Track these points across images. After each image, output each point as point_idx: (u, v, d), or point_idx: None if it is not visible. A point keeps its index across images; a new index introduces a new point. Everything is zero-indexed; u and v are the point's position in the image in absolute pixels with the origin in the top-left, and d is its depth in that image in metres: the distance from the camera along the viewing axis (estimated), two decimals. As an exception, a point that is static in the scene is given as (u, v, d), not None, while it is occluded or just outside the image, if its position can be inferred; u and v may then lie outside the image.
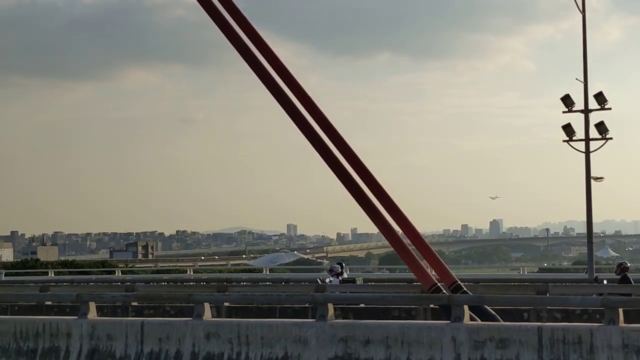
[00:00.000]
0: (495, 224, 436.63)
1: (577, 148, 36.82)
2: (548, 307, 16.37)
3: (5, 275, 54.66)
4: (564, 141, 37.00)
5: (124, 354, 13.58)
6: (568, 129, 36.73)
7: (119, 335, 13.69)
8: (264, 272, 60.32)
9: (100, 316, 14.90)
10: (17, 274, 59.77)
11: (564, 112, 37.16)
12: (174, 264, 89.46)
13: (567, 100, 36.99)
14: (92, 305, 14.41)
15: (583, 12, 37.11)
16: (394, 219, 15.15)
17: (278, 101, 15.35)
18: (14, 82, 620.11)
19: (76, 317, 14.38)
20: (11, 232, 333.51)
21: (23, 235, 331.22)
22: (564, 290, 19.69)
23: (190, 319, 13.60)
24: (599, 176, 37.63)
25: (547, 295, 18.46)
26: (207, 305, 13.70)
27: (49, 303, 20.28)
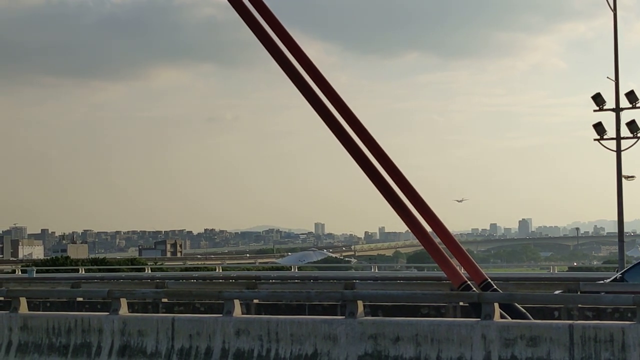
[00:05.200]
0: (524, 223, 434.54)
1: (608, 147, 36.63)
2: (579, 306, 16.27)
3: (36, 273, 55.27)
4: (594, 140, 36.82)
5: (154, 350, 13.66)
6: (599, 127, 36.53)
7: (150, 332, 13.77)
8: (292, 270, 60.48)
9: (131, 312, 14.99)
10: (47, 271, 60.36)
11: (595, 110, 36.97)
12: (202, 262, 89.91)
13: (598, 99, 36.78)
14: (124, 302, 14.50)
15: (614, 10, 36.88)
16: (423, 217, 15.11)
17: (307, 100, 15.35)
18: (46, 82, 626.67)
19: (107, 313, 14.47)
20: (42, 230, 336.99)
21: (53, 233, 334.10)
22: (595, 289, 19.53)
23: (221, 315, 13.65)
24: (630, 175, 37.42)
25: (578, 293, 18.35)
26: (237, 302, 13.74)
27: (81, 299, 20.45)
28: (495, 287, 14.64)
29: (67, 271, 60.64)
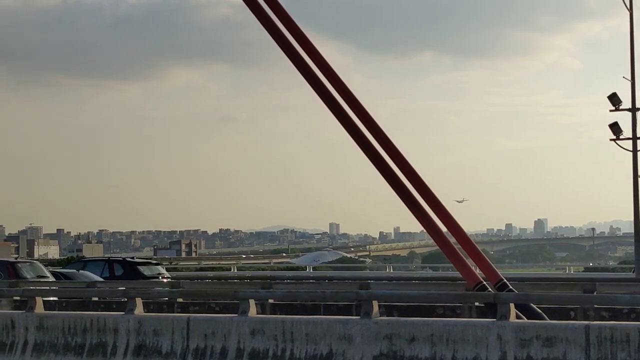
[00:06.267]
0: (539, 223, 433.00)
1: (624, 147, 36.51)
2: (595, 306, 16.21)
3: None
4: (610, 140, 36.71)
5: (170, 350, 13.69)
6: (615, 127, 36.42)
7: (166, 331, 13.80)
8: (307, 270, 60.51)
9: (146, 312, 15.02)
10: (63, 271, 60.46)
11: (611, 110, 36.86)
12: (217, 262, 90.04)
13: (614, 99, 36.66)
14: (139, 301, 14.53)
15: (630, 10, 36.75)
16: (438, 217, 15.09)
17: (322, 100, 15.36)
18: (58, 82, 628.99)
19: (123, 313, 14.52)
20: (57, 229, 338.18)
21: (69, 233, 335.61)
22: (611, 289, 19.44)
23: (236, 315, 13.66)
24: (646, 175, 37.21)
25: (595, 293, 18.27)
26: (252, 302, 13.76)
27: (96, 299, 20.51)
28: (510, 287, 14.60)
29: (83, 271, 60.69)
